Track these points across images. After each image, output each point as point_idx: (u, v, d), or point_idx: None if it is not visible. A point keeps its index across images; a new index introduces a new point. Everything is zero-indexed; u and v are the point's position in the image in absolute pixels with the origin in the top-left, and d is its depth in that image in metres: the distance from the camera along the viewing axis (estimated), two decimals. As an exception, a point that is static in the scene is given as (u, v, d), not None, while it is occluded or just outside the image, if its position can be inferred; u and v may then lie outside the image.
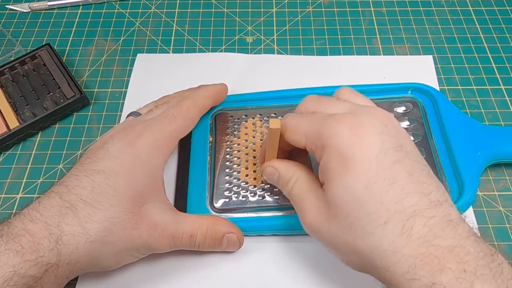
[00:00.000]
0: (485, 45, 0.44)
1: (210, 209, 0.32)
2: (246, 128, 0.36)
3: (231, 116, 0.36)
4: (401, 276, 0.22)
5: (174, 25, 0.47)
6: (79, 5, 0.48)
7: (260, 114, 0.36)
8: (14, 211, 0.34)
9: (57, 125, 0.40)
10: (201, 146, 0.35)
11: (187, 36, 0.45)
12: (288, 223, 0.32)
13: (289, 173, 0.28)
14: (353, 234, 0.23)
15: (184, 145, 0.36)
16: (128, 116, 0.34)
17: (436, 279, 0.21)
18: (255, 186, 0.33)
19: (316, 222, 0.25)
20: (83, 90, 0.40)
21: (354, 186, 0.23)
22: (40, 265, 0.24)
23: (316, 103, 0.28)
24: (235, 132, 0.36)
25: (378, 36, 0.45)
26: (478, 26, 0.46)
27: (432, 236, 0.22)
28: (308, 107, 0.29)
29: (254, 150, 0.34)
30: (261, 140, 0.35)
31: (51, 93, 0.40)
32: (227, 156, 0.34)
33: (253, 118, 0.36)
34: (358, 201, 0.23)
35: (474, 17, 0.47)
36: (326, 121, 0.25)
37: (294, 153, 0.31)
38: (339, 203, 0.24)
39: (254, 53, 0.44)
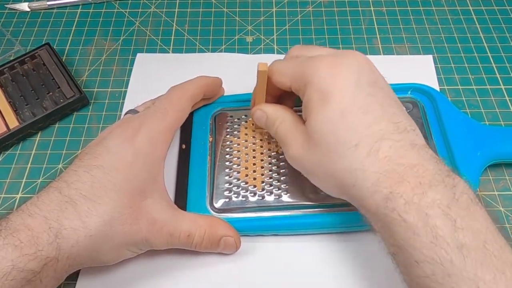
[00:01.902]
0: (485, 45, 0.44)
1: (210, 209, 0.32)
2: (246, 128, 0.36)
3: (231, 116, 0.36)
4: (365, 190, 0.25)
5: (174, 25, 0.46)
6: (79, 5, 0.48)
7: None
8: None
9: (56, 125, 0.40)
10: (201, 146, 0.35)
11: (187, 36, 0.45)
12: (288, 223, 0.32)
13: (276, 114, 0.31)
14: (330, 159, 0.26)
15: (185, 144, 0.36)
16: (126, 113, 0.34)
17: (393, 189, 0.24)
18: (255, 186, 0.33)
19: (298, 153, 0.28)
20: (83, 89, 0.40)
21: (330, 116, 0.26)
22: (39, 259, 0.24)
23: (301, 49, 0.32)
24: (235, 132, 0.36)
25: (378, 36, 0.45)
26: (478, 26, 0.46)
27: (397, 156, 0.24)
28: (293, 53, 0.32)
29: (254, 150, 0.34)
30: (261, 140, 0.35)
31: (51, 93, 0.40)
32: (227, 156, 0.34)
33: (253, 118, 0.36)
34: (334, 128, 0.26)
35: (474, 17, 0.47)
36: (308, 62, 0.28)
37: (282, 98, 0.33)
38: (318, 133, 0.26)
39: (254, 53, 0.44)
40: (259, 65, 0.30)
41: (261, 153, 0.34)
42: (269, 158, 0.34)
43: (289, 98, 0.34)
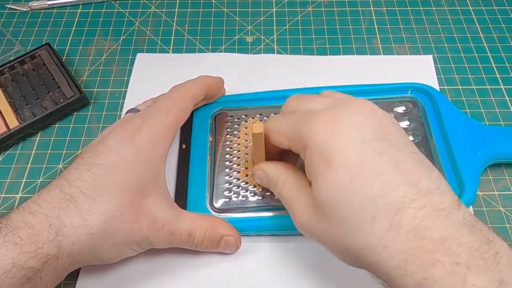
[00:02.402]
0: (485, 45, 0.44)
1: (210, 209, 0.32)
2: (246, 128, 0.36)
3: (231, 116, 0.36)
4: (392, 271, 0.21)
5: (174, 25, 0.47)
6: (79, 5, 0.48)
7: (260, 114, 0.36)
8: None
9: (56, 125, 0.40)
10: (201, 146, 0.35)
11: (187, 36, 0.45)
12: (288, 223, 0.31)
13: (277, 175, 0.28)
14: (342, 232, 0.23)
15: (185, 144, 0.36)
16: (127, 112, 0.34)
17: (427, 274, 0.20)
18: (255, 186, 0.33)
19: (306, 222, 0.25)
20: (83, 89, 0.40)
21: (337, 183, 0.23)
22: (39, 256, 0.24)
23: (297, 102, 0.28)
24: (235, 132, 0.36)
25: (378, 36, 0.45)
26: (478, 26, 0.46)
27: (423, 229, 0.21)
28: (290, 106, 0.29)
29: (254, 150, 0.34)
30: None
31: (51, 93, 0.40)
32: (227, 156, 0.34)
33: (253, 118, 0.36)
34: (343, 198, 0.22)
35: (474, 17, 0.47)
36: (304, 120, 0.25)
37: (284, 153, 0.30)
38: (325, 202, 0.23)
39: (254, 53, 0.44)
40: (253, 126, 0.27)
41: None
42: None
43: (293, 153, 0.28)
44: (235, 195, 0.32)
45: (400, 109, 0.36)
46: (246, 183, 0.33)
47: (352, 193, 0.22)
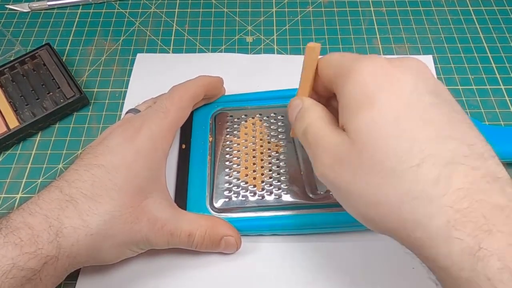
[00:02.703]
0: (485, 45, 0.44)
1: (210, 209, 0.32)
2: (245, 128, 0.36)
3: (231, 116, 0.36)
4: (435, 233, 0.18)
5: (174, 25, 0.47)
6: (79, 5, 0.48)
7: (260, 114, 0.36)
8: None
9: (57, 125, 0.40)
10: (201, 146, 0.35)
11: (187, 36, 0.45)
12: (288, 223, 0.32)
13: (313, 108, 0.25)
14: (378, 178, 0.19)
15: (185, 144, 0.36)
16: (127, 113, 0.34)
17: (483, 243, 0.17)
18: (255, 186, 0.33)
19: (335, 163, 0.21)
20: (83, 90, 0.40)
21: (379, 121, 0.20)
22: (39, 257, 0.24)
23: (341, 56, 0.25)
24: (235, 132, 0.36)
25: (378, 36, 0.45)
26: (478, 26, 0.46)
27: (476, 190, 0.18)
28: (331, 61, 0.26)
29: (254, 150, 0.34)
30: (261, 140, 0.35)
31: (51, 93, 0.40)
32: (227, 156, 0.34)
33: (252, 118, 0.36)
34: (387, 136, 0.19)
35: (474, 17, 0.47)
36: (359, 57, 0.23)
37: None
38: (364, 138, 0.20)
39: (254, 53, 0.44)
40: (308, 43, 0.25)
41: (261, 153, 0.34)
42: (269, 158, 0.34)
43: None
44: (235, 195, 0.32)
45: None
46: (246, 183, 0.33)
47: (396, 133, 0.19)
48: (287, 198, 0.32)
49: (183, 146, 0.36)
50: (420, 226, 0.18)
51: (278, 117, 0.36)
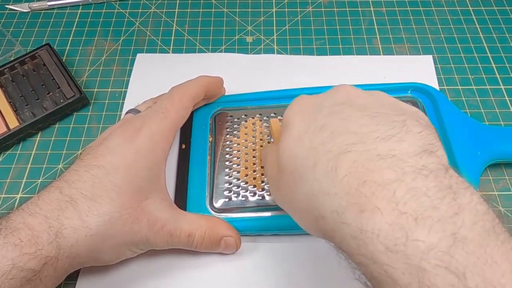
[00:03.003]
0: (485, 45, 0.44)
1: (209, 209, 0.32)
2: (245, 128, 0.36)
3: (231, 116, 0.36)
4: (332, 221, 0.19)
5: (174, 25, 0.47)
6: (79, 5, 0.48)
7: (260, 114, 0.36)
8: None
9: (57, 125, 0.40)
10: (201, 146, 0.35)
11: (187, 36, 0.45)
12: (287, 223, 0.31)
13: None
14: (294, 187, 0.22)
15: (185, 144, 0.36)
16: (127, 113, 0.34)
17: (364, 225, 0.17)
18: (255, 186, 0.33)
19: (275, 191, 0.26)
20: (83, 90, 0.40)
21: (288, 140, 0.23)
22: (39, 258, 0.24)
23: None
24: (235, 132, 0.36)
25: (378, 36, 0.45)
26: (477, 26, 0.46)
27: (363, 172, 0.18)
28: None
29: (254, 150, 0.34)
30: (261, 140, 0.35)
31: (51, 93, 0.40)
32: (227, 156, 0.34)
33: (252, 118, 0.36)
34: (292, 152, 0.23)
35: (473, 17, 0.47)
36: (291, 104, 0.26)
37: None
38: (281, 161, 0.24)
39: (254, 53, 0.44)
40: (270, 120, 0.32)
41: (261, 153, 0.34)
42: (269, 158, 0.34)
43: None
44: (235, 195, 0.32)
45: (400, 109, 0.36)
46: (246, 183, 0.33)
47: (299, 147, 0.22)
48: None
49: (183, 146, 0.36)
50: (326, 219, 0.20)
51: (278, 117, 0.36)
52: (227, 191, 0.33)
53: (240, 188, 0.33)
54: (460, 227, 0.16)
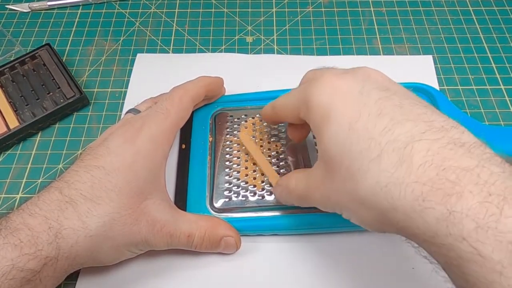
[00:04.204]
0: (485, 45, 0.44)
1: (210, 209, 0.32)
2: (246, 128, 0.36)
3: (231, 116, 0.36)
4: (410, 209, 0.18)
5: (174, 25, 0.47)
6: (79, 5, 0.48)
7: (260, 114, 0.36)
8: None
9: (57, 125, 0.40)
10: (201, 146, 0.35)
11: (187, 36, 0.45)
12: (288, 223, 0.32)
13: (290, 178, 0.29)
14: (353, 182, 0.21)
15: (185, 144, 0.36)
16: (127, 113, 0.34)
17: (454, 206, 0.17)
18: (255, 186, 0.33)
19: (322, 189, 0.24)
20: (83, 90, 0.40)
21: (337, 134, 0.22)
22: (38, 258, 0.24)
23: (311, 73, 0.29)
24: (235, 132, 0.36)
25: (378, 36, 0.45)
26: (477, 26, 0.46)
27: (441, 160, 0.18)
28: (303, 79, 0.29)
29: (254, 150, 0.34)
30: (261, 140, 0.35)
31: (51, 93, 0.40)
32: (227, 156, 0.34)
33: (252, 118, 0.36)
34: (346, 145, 0.21)
35: (473, 17, 0.47)
36: (310, 85, 0.25)
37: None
38: (331, 155, 0.22)
39: (254, 53, 0.44)
40: (240, 134, 0.33)
41: (261, 153, 0.34)
42: (269, 158, 0.34)
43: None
44: (235, 195, 0.32)
45: (400, 109, 0.36)
46: (246, 183, 0.33)
47: (353, 138, 0.21)
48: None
49: (183, 146, 0.36)
50: (398, 209, 0.19)
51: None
52: (227, 191, 0.33)
53: (240, 188, 0.33)
54: None
